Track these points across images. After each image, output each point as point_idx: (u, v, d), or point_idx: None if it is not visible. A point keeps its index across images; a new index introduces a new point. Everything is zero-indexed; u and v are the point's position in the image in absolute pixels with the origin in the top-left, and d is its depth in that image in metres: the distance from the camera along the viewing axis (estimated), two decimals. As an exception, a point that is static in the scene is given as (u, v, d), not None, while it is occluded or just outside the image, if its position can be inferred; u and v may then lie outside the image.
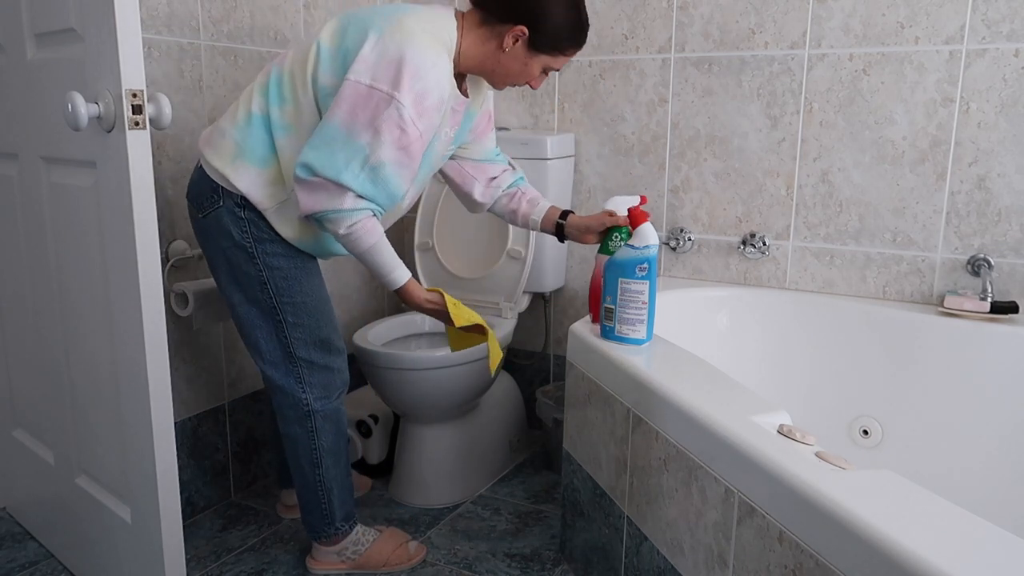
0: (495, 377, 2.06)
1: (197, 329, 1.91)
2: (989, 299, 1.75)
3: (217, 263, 1.56)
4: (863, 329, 1.88)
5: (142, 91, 1.23)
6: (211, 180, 1.49)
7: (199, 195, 1.52)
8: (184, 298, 1.79)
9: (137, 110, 1.23)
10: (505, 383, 2.28)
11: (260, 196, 1.48)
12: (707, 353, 1.60)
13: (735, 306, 2.02)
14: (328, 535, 1.69)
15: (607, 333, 1.54)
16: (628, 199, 1.62)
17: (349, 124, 1.36)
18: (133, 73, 1.22)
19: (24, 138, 1.55)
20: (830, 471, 1.00)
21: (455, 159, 1.69)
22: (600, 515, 1.57)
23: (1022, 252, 1.80)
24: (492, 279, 2.19)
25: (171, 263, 1.81)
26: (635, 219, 1.55)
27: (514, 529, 1.93)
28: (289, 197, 1.48)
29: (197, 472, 1.96)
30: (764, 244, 2.04)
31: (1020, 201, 1.78)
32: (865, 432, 1.88)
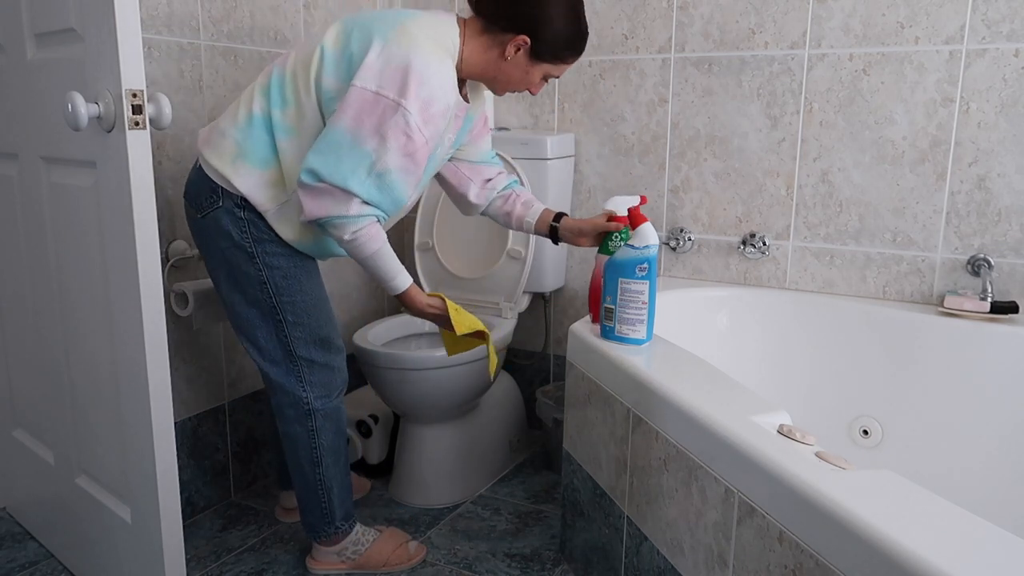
0: (494, 380, 2.07)
1: (197, 329, 1.91)
2: (989, 299, 1.75)
3: (215, 263, 1.56)
4: (863, 329, 1.88)
5: (142, 91, 1.23)
6: (210, 180, 1.49)
7: (197, 195, 1.52)
8: (184, 298, 1.79)
9: (137, 110, 1.23)
10: (505, 383, 2.28)
11: (260, 197, 1.48)
12: (707, 353, 1.60)
13: (735, 306, 2.02)
14: (328, 534, 1.69)
15: (607, 333, 1.54)
16: (628, 199, 1.62)
17: (355, 130, 1.37)
18: (133, 73, 1.22)
19: (24, 138, 1.55)
20: (830, 471, 1.00)
21: (451, 161, 1.70)
22: (600, 515, 1.57)
23: (1022, 252, 1.80)
24: (492, 279, 2.19)
25: (171, 263, 1.81)
26: (635, 219, 1.55)
27: (514, 529, 1.93)
28: (289, 199, 1.48)
29: (197, 472, 1.96)
30: (764, 244, 2.04)
31: (1020, 201, 1.78)
32: (865, 432, 1.88)
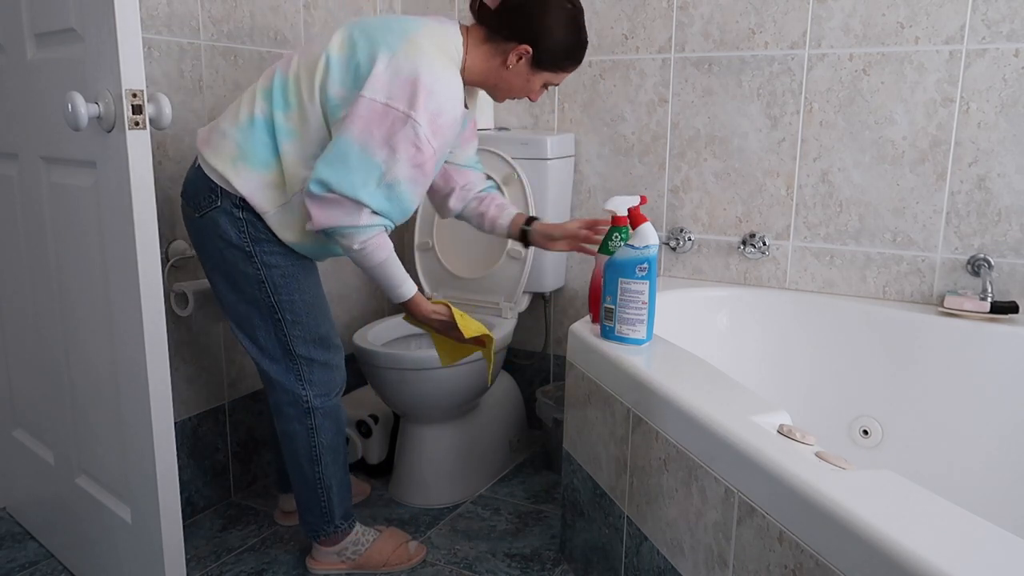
0: (491, 385, 2.07)
1: (197, 329, 1.91)
2: (989, 299, 1.75)
3: (213, 262, 1.56)
4: (863, 329, 1.88)
5: (142, 91, 1.23)
6: (209, 180, 1.49)
7: (196, 194, 1.52)
8: (184, 298, 1.79)
9: (137, 110, 1.23)
10: (505, 383, 2.28)
11: (260, 199, 1.48)
12: (707, 353, 1.60)
13: (735, 306, 2.02)
14: (328, 533, 1.69)
15: (607, 333, 1.54)
16: (628, 199, 1.62)
17: (364, 141, 1.37)
18: (133, 73, 1.22)
19: (24, 138, 1.55)
20: (830, 471, 1.00)
21: None
22: (600, 515, 1.57)
23: (1022, 252, 1.80)
24: (492, 279, 2.19)
25: (171, 263, 1.82)
26: (635, 219, 1.55)
27: (514, 529, 1.93)
28: (289, 201, 1.48)
29: (197, 472, 1.96)
30: (764, 244, 2.04)
31: (1020, 201, 1.78)
32: (865, 432, 1.88)
